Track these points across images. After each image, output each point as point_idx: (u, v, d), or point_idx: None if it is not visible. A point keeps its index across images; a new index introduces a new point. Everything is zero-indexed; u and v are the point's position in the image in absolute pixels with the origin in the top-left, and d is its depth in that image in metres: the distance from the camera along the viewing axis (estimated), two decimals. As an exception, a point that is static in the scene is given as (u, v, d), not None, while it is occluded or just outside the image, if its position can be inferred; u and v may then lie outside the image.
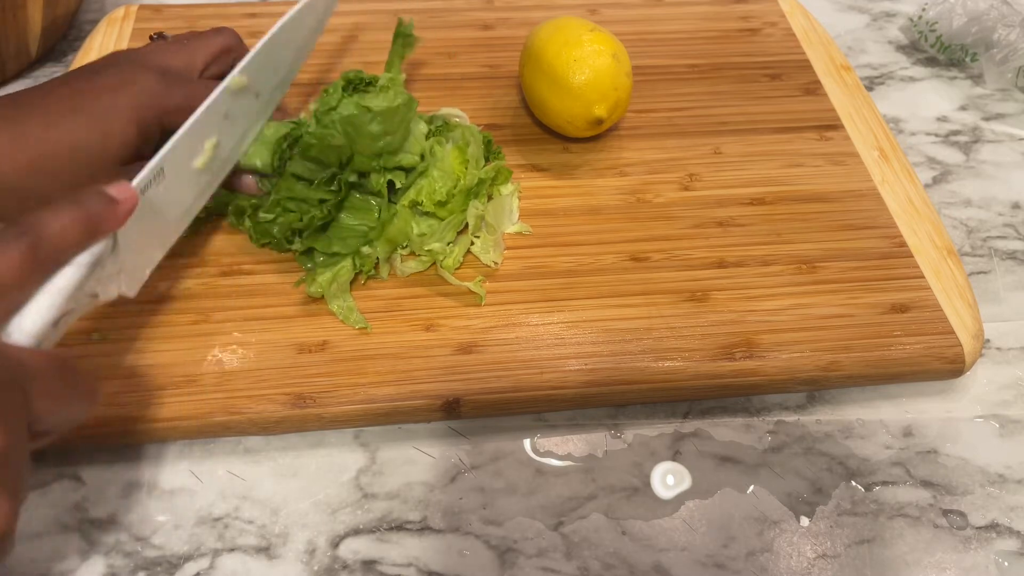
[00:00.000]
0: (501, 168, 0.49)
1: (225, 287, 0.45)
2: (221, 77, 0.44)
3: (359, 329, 0.44)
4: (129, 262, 0.37)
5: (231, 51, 0.48)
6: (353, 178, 0.46)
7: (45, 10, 0.58)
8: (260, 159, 0.46)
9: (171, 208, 0.41)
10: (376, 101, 0.45)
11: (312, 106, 0.46)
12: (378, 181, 0.46)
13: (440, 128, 0.49)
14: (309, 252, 0.46)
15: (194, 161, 0.42)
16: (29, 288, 0.31)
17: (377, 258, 0.46)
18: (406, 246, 0.47)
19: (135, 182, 0.37)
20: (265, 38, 0.46)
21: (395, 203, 0.46)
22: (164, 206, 0.40)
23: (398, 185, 0.46)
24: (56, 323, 0.32)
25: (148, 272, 0.40)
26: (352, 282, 0.45)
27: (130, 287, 0.38)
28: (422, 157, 0.47)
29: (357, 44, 0.60)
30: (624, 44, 0.51)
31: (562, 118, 0.51)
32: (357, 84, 0.48)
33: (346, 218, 0.46)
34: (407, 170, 0.47)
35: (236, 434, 0.41)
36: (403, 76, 0.53)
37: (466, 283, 0.45)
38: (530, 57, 0.52)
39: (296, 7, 0.48)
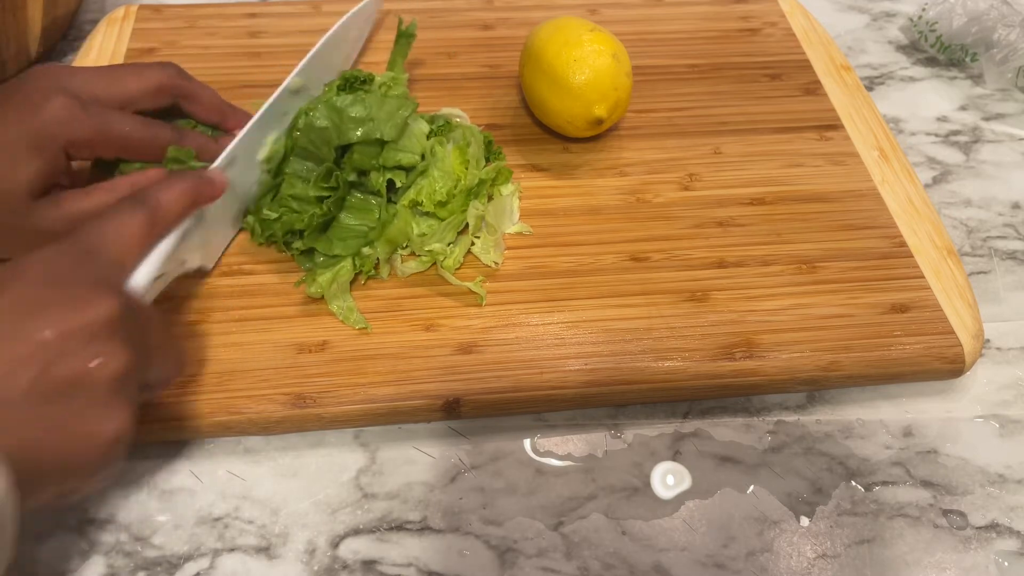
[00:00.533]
0: (502, 168, 0.49)
1: (225, 287, 0.45)
2: (154, 114, 0.45)
3: (359, 329, 0.44)
4: (208, 236, 0.43)
5: (168, 90, 0.46)
6: (352, 177, 0.46)
7: (45, 10, 0.58)
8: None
9: (239, 193, 0.46)
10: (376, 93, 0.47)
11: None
12: (377, 180, 0.46)
13: (441, 128, 0.49)
14: (309, 252, 0.46)
15: (259, 153, 0.46)
16: (147, 248, 0.37)
17: (377, 258, 0.46)
18: (406, 246, 0.47)
19: (215, 165, 0.43)
20: (321, 40, 0.50)
21: (395, 203, 0.46)
22: (234, 190, 0.44)
23: (398, 184, 0.46)
24: (155, 282, 0.38)
25: (222, 248, 0.46)
26: (352, 282, 0.45)
27: (208, 259, 0.44)
28: (422, 157, 0.47)
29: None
30: (624, 44, 0.51)
31: (562, 118, 0.51)
32: (353, 82, 0.49)
33: (346, 218, 0.46)
34: (407, 169, 0.47)
35: (236, 434, 0.41)
36: (406, 76, 0.53)
37: (466, 283, 0.45)
38: (530, 57, 0.52)
39: (348, 14, 0.54)
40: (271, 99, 0.46)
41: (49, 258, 0.33)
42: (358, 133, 0.45)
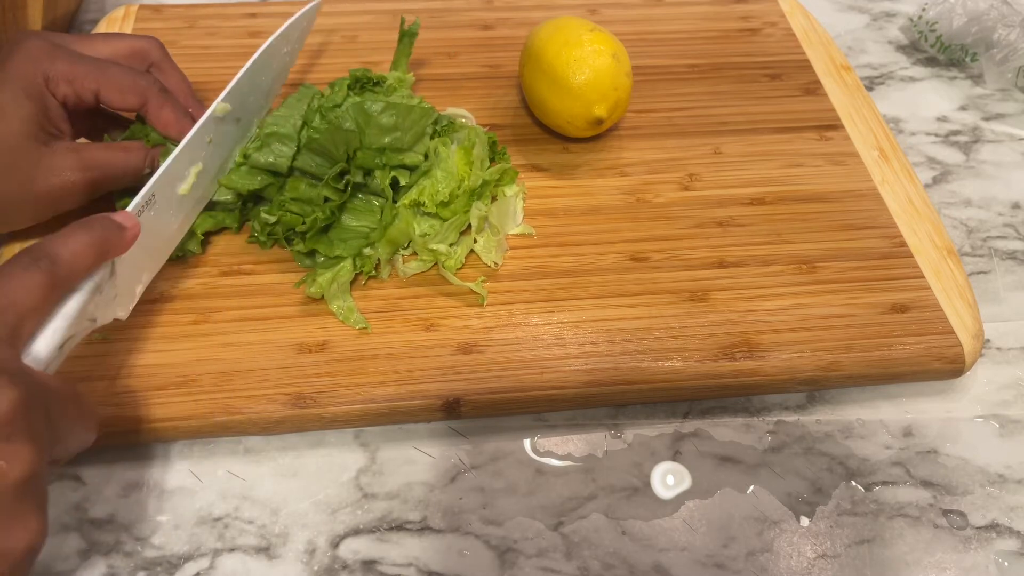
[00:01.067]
0: (507, 169, 0.49)
1: (225, 287, 0.45)
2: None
3: (359, 329, 0.44)
4: (123, 286, 0.39)
5: (145, 56, 0.45)
6: (359, 178, 0.46)
7: (45, 10, 0.58)
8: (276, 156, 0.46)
9: (160, 233, 0.42)
10: (391, 96, 0.46)
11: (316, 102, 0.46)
12: (383, 178, 0.46)
13: (445, 128, 0.49)
14: (310, 253, 0.46)
15: (179, 187, 0.43)
16: (46, 312, 0.32)
17: (378, 259, 0.46)
18: (408, 246, 0.47)
19: (131, 208, 0.38)
20: (247, 65, 0.46)
21: (397, 202, 0.46)
22: (154, 231, 0.41)
23: (402, 183, 0.46)
24: (61, 347, 0.33)
25: (139, 294, 0.42)
26: (352, 282, 0.45)
27: (123, 310, 0.40)
28: (425, 156, 0.47)
29: (357, 44, 0.60)
30: (624, 44, 0.51)
31: (562, 118, 0.51)
32: (364, 83, 0.49)
33: (348, 219, 0.46)
34: (411, 168, 0.47)
35: (236, 434, 0.41)
36: (411, 76, 0.53)
37: (468, 283, 0.45)
38: (530, 57, 0.52)
39: (272, 36, 0.48)
40: (193, 129, 0.43)
41: None
42: (386, 140, 0.45)
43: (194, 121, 0.44)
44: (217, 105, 0.44)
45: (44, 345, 0.32)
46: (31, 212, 0.42)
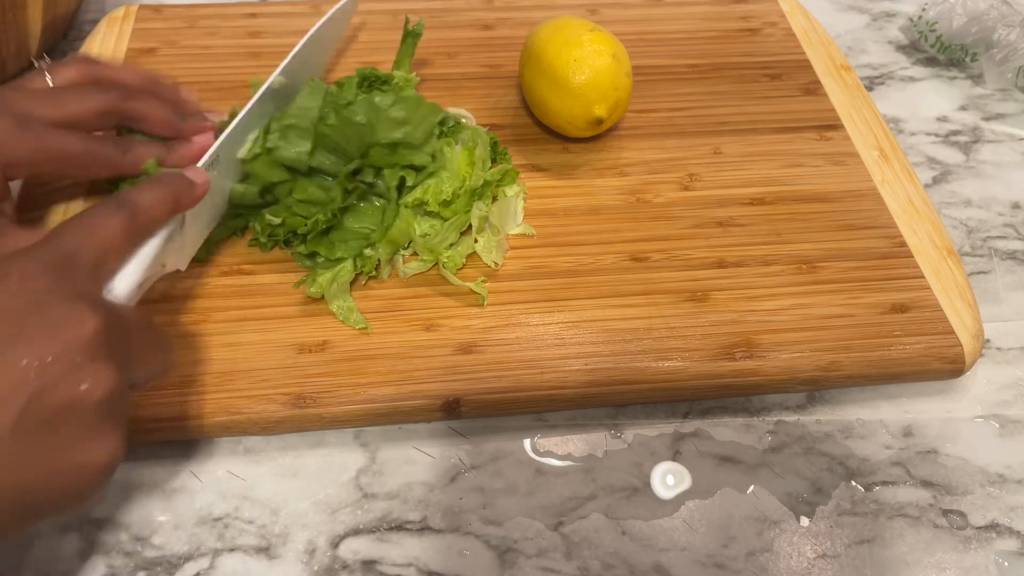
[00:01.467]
0: (508, 170, 0.49)
1: (225, 287, 0.45)
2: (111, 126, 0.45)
3: (359, 329, 0.44)
4: (189, 237, 0.42)
5: (112, 113, 0.44)
6: (371, 177, 0.46)
7: (45, 10, 0.58)
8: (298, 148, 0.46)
9: (220, 191, 0.45)
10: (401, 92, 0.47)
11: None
12: (392, 177, 0.46)
13: (451, 129, 0.49)
14: (311, 255, 0.46)
15: (239, 151, 0.45)
16: (127, 253, 0.36)
17: (378, 259, 0.46)
18: (408, 246, 0.47)
19: (201, 164, 0.41)
20: (304, 38, 0.50)
21: (400, 203, 0.46)
22: (215, 190, 0.43)
23: (409, 182, 0.46)
24: (139, 287, 0.37)
25: (196, 249, 0.45)
26: (352, 283, 0.45)
27: (183, 261, 0.43)
28: (433, 157, 0.47)
29: (357, 44, 0.60)
30: (624, 44, 0.51)
31: (562, 118, 0.51)
32: (373, 81, 0.49)
33: (349, 221, 0.46)
34: (418, 169, 0.47)
35: (236, 434, 0.41)
36: (416, 76, 0.53)
37: (468, 283, 0.45)
38: (530, 57, 0.52)
39: (329, 12, 0.53)
40: (255, 97, 0.46)
41: (23, 270, 0.31)
42: (398, 134, 0.45)
43: (170, 151, 0.46)
44: (275, 79, 0.47)
45: (124, 283, 0.36)
46: None
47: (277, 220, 0.45)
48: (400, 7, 0.62)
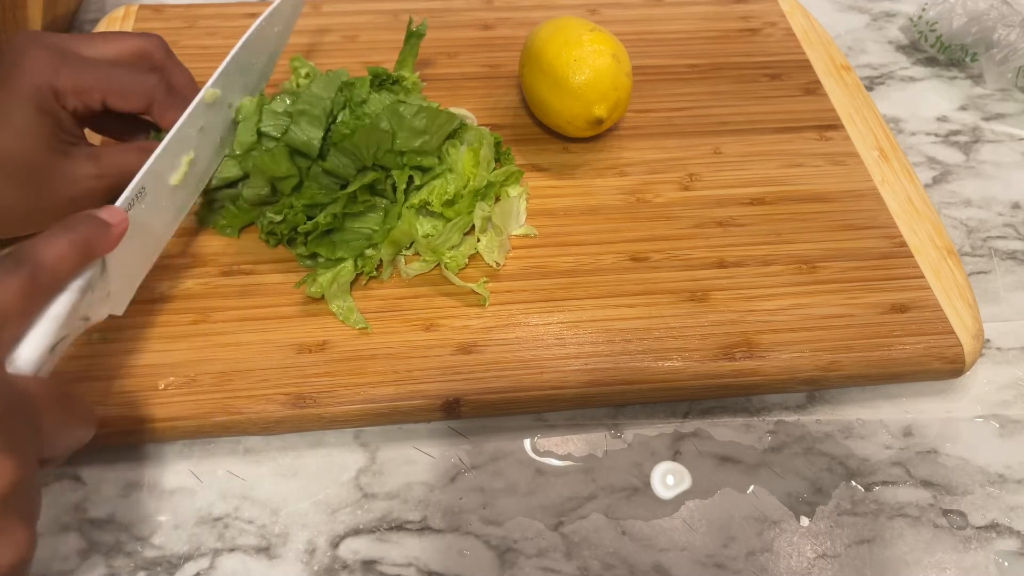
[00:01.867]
0: (512, 171, 0.50)
1: (225, 287, 0.45)
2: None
3: (359, 329, 0.44)
4: (116, 282, 0.38)
5: (147, 55, 0.44)
6: (381, 183, 0.46)
7: (45, 10, 0.58)
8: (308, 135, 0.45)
9: (152, 226, 0.41)
10: (419, 101, 0.47)
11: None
12: (401, 178, 0.46)
13: (456, 130, 0.49)
14: (312, 255, 0.46)
15: (171, 178, 0.42)
16: (30, 316, 0.32)
17: (380, 259, 0.46)
18: (410, 247, 0.47)
19: (119, 203, 0.37)
20: (234, 50, 0.45)
21: (404, 203, 0.46)
22: (146, 224, 0.40)
23: (417, 182, 0.46)
24: (53, 349, 0.32)
25: (134, 290, 0.41)
26: (353, 283, 0.45)
27: (118, 307, 0.39)
28: (439, 159, 0.47)
29: (357, 44, 0.60)
30: (624, 44, 0.51)
31: (562, 118, 0.51)
32: (384, 80, 0.49)
33: (351, 222, 0.46)
34: (424, 169, 0.47)
35: (236, 434, 0.41)
36: (419, 77, 0.53)
37: (470, 284, 0.45)
38: (530, 57, 0.52)
39: (260, 17, 0.48)
40: (182, 117, 0.42)
41: None
42: (417, 143, 0.45)
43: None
44: (206, 91, 0.43)
45: (31, 349, 0.31)
46: (53, 218, 0.42)
47: (279, 217, 0.45)
48: (400, 7, 0.62)
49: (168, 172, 0.42)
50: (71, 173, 0.41)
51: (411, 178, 0.46)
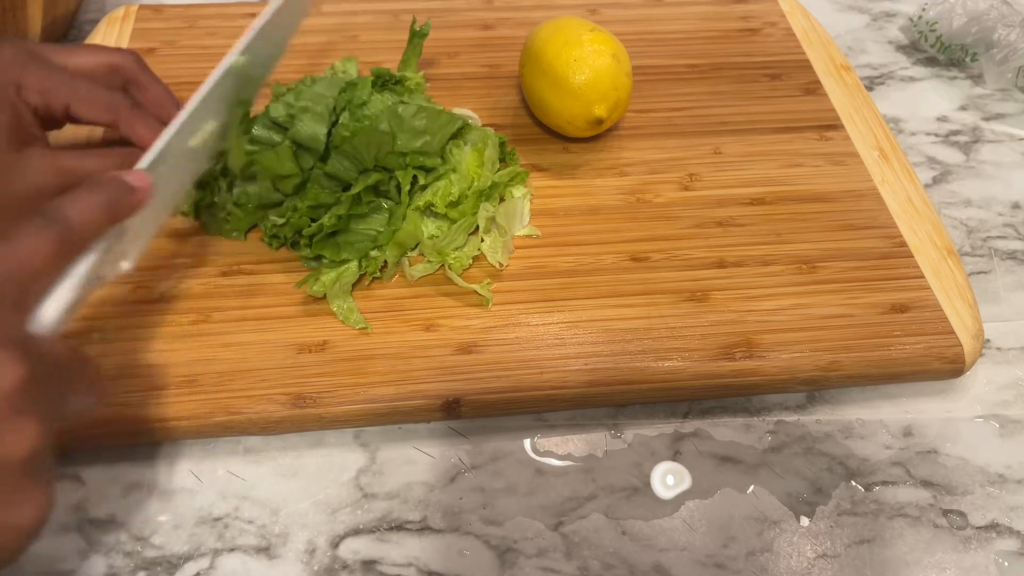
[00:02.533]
0: (517, 172, 0.50)
1: (225, 287, 0.45)
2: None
3: (359, 329, 0.44)
4: (131, 241, 0.38)
5: (121, 72, 0.44)
6: (384, 185, 0.46)
7: (45, 10, 0.58)
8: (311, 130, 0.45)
9: (170, 187, 0.41)
10: (421, 102, 0.46)
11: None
12: (404, 178, 0.46)
13: (460, 130, 0.49)
14: (316, 257, 0.46)
15: (190, 141, 0.42)
16: (56, 275, 0.32)
17: (384, 260, 0.46)
18: (415, 248, 0.47)
19: (142, 166, 0.37)
20: (266, 14, 0.45)
21: (409, 205, 0.46)
22: (165, 186, 0.40)
23: (422, 181, 0.46)
24: (71, 309, 0.33)
25: (145, 248, 0.40)
26: (355, 283, 0.45)
27: (130, 262, 0.39)
28: (443, 159, 0.47)
29: (357, 44, 0.60)
30: (624, 44, 0.51)
31: (562, 118, 0.51)
32: (387, 80, 0.49)
33: (355, 223, 0.46)
34: (428, 170, 0.47)
35: (236, 434, 0.41)
36: (424, 78, 0.53)
37: (473, 285, 0.45)
38: (530, 57, 0.52)
39: None
40: (209, 83, 0.42)
41: None
42: (417, 143, 0.45)
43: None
44: (236, 58, 0.43)
45: (53, 308, 0.32)
46: (1, 213, 0.42)
47: (281, 220, 0.45)
48: (400, 7, 0.62)
49: (188, 137, 0.41)
50: (26, 167, 0.40)
51: (415, 179, 0.46)
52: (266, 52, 0.48)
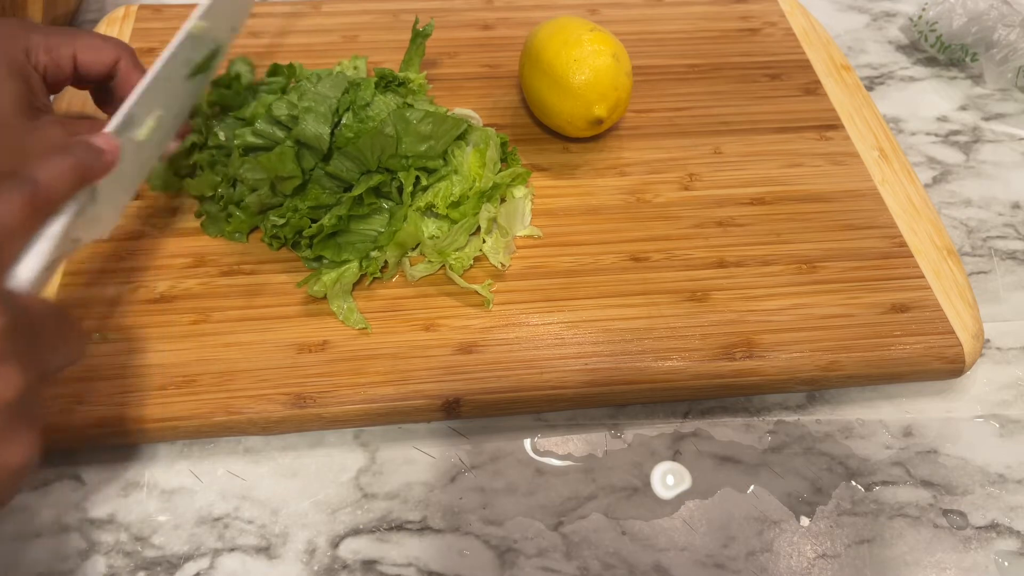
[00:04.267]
0: (519, 172, 0.50)
1: (225, 287, 0.45)
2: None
3: (359, 329, 0.44)
4: (104, 207, 0.38)
5: (118, 61, 0.44)
6: (386, 187, 0.46)
7: (45, 10, 0.58)
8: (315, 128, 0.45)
9: (141, 151, 0.41)
10: (425, 104, 0.47)
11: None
12: (407, 179, 0.46)
13: (464, 132, 0.49)
14: (317, 257, 0.46)
15: (148, 121, 0.42)
16: (30, 234, 0.33)
17: (385, 261, 0.46)
18: (416, 248, 0.47)
19: (109, 129, 0.38)
20: None
21: (410, 206, 0.46)
22: (133, 153, 0.40)
23: (424, 182, 0.46)
24: (47, 269, 0.34)
25: (120, 216, 0.41)
26: (356, 283, 0.45)
27: (104, 230, 0.40)
28: (444, 160, 0.47)
29: (357, 44, 0.60)
30: (624, 44, 0.51)
31: (562, 118, 0.51)
32: (390, 81, 0.49)
33: (356, 224, 0.46)
34: (430, 171, 0.47)
35: (236, 434, 0.41)
36: (426, 79, 0.53)
37: (475, 286, 0.45)
38: (530, 57, 0.52)
39: None
40: (171, 46, 0.42)
41: None
42: (422, 148, 0.46)
43: None
44: (195, 23, 0.44)
45: (29, 267, 0.33)
46: None
47: (282, 221, 0.45)
48: (400, 7, 0.62)
49: (159, 100, 0.42)
50: (41, 137, 0.41)
51: (417, 179, 0.46)
52: (226, 21, 0.48)
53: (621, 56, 0.50)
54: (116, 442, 0.41)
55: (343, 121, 0.45)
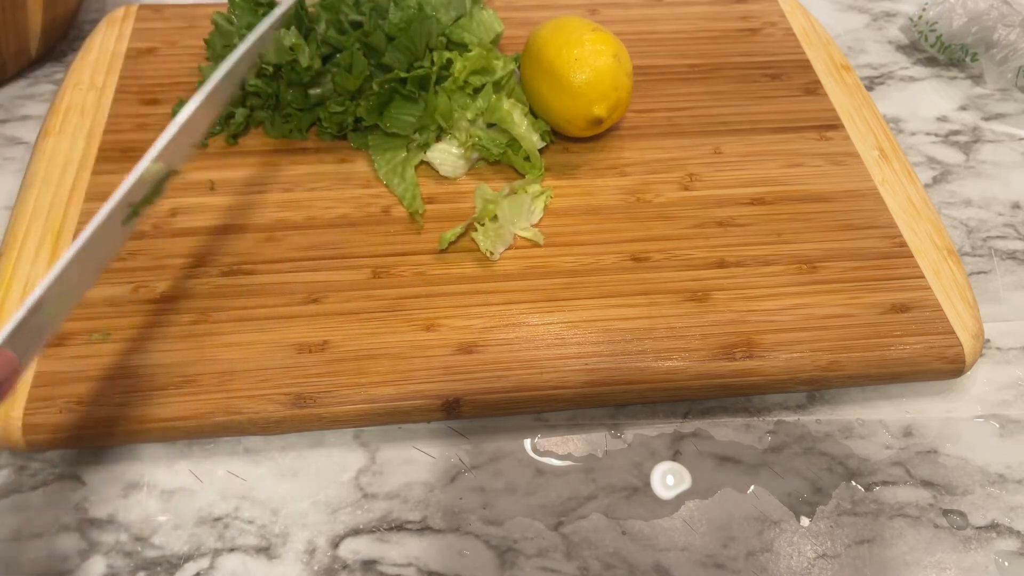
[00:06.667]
0: (536, 177, 0.52)
1: (225, 287, 0.45)
2: None
3: (411, 214, 0.49)
4: (52, 318, 0.34)
5: None
6: (431, 70, 0.51)
7: (45, 10, 0.58)
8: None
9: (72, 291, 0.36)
10: None
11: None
12: (440, 59, 0.51)
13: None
14: (363, 135, 0.52)
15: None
16: None
17: (438, 133, 0.51)
18: (450, 127, 0.51)
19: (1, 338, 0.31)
20: (185, 114, 0.39)
21: (437, 87, 0.52)
22: (77, 284, 0.35)
23: (456, 64, 0.52)
24: None
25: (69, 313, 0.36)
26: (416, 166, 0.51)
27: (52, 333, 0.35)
28: (466, 46, 0.54)
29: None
30: (624, 44, 0.51)
31: (562, 118, 0.51)
32: None
33: (395, 110, 0.51)
34: (463, 47, 0.53)
35: (236, 434, 0.41)
36: None
37: (524, 232, 0.48)
38: (530, 57, 0.52)
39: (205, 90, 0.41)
40: (123, 188, 0.36)
41: None
42: (452, 15, 0.54)
43: None
44: (148, 165, 0.37)
45: None
46: None
47: (340, 108, 0.51)
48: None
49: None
50: None
51: (448, 62, 0.52)
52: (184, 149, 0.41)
53: (622, 56, 0.50)
54: (116, 442, 0.41)
55: (390, 13, 0.51)
